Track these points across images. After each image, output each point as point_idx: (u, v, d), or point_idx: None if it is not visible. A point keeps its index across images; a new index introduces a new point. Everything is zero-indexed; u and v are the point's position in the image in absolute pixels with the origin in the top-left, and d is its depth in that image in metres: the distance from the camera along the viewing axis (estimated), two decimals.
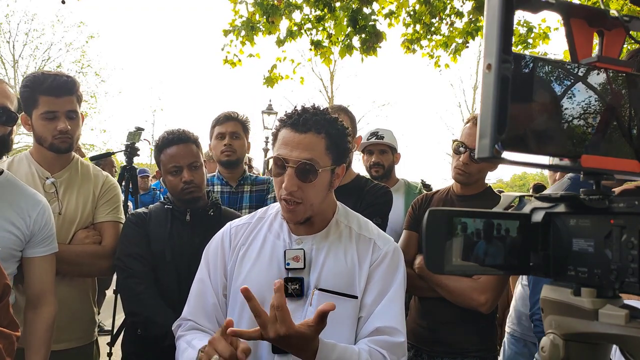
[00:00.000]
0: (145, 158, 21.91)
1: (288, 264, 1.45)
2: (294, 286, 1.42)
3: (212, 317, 1.54)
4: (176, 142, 2.05)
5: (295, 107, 1.50)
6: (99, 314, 2.43)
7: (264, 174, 8.31)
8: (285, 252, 1.47)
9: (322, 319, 1.20)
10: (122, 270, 2.03)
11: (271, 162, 1.45)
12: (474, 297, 1.96)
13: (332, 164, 1.45)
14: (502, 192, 2.31)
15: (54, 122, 2.00)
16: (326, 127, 1.44)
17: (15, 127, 1.78)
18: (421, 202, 2.31)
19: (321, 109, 1.49)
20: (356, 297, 1.44)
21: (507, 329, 2.68)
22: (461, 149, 2.09)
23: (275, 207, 1.61)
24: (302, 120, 1.42)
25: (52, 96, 1.98)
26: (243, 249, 1.54)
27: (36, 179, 2.06)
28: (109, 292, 4.26)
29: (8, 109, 1.70)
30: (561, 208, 0.63)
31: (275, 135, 1.48)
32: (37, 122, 2.01)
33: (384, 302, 1.44)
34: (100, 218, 2.15)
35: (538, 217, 0.64)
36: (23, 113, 2.06)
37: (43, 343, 1.77)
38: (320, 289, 1.43)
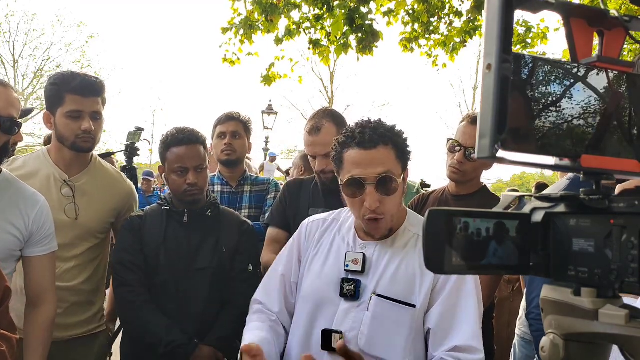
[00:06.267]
0: (144, 158, 21.91)
1: (347, 265, 1.50)
2: (348, 287, 1.47)
3: (281, 301, 1.63)
4: (185, 142, 2.03)
5: (350, 126, 1.52)
6: None
7: (260, 171, 8.28)
8: (346, 254, 1.52)
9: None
10: (114, 278, 2.03)
11: (345, 186, 1.45)
12: None
13: (402, 171, 1.48)
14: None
15: (78, 122, 1.98)
16: (391, 137, 1.45)
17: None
18: (417, 202, 2.34)
19: (372, 121, 1.50)
20: (414, 306, 1.43)
21: (517, 331, 2.67)
22: (456, 147, 2.10)
23: (349, 211, 1.61)
24: (367, 137, 1.43)
25: (79, 95, 1.97)
26: (317, 248, 1.61)
27: (56, 181, 2.05)
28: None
29: (14, 119, 1.70)
30: (561, 208, 0.63)
31: (340, 159, 1.48)
32: (61, 121, 2.00)
33: (459, 318, 1.40)
34: None
35: (538, 217, 0.64)
36: (46, 111, 2.04)
37: (41, 342, 1.76)
38: (378, 295, 1.45)
